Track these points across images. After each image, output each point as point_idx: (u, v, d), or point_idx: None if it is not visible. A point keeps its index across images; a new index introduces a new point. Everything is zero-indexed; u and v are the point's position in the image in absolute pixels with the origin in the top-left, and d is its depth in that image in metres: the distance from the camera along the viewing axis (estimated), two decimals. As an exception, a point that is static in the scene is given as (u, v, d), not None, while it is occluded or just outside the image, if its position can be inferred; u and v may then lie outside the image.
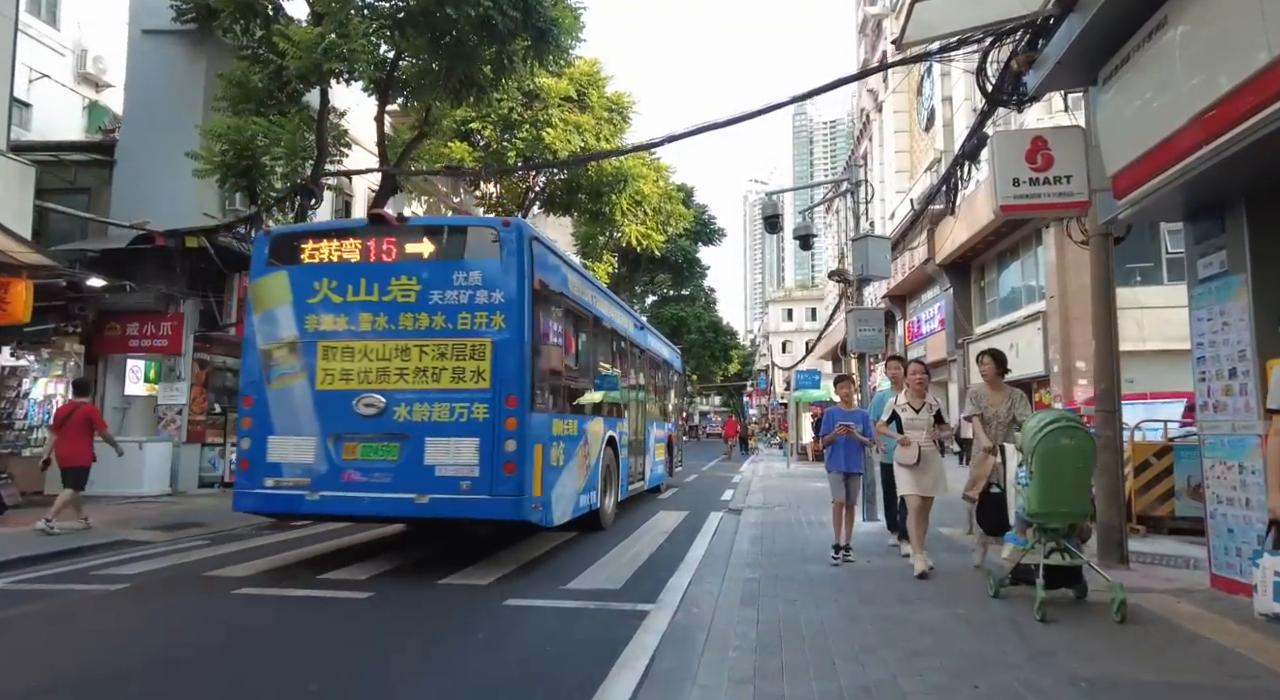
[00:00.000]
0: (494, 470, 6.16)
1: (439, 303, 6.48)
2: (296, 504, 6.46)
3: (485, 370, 6.32)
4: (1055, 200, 5.14)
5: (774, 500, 11.60)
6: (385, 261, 6.64)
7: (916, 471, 5.77)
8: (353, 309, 6.59)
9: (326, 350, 6.57)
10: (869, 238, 8.72)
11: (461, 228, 7.32)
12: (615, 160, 20.05)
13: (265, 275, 6.86)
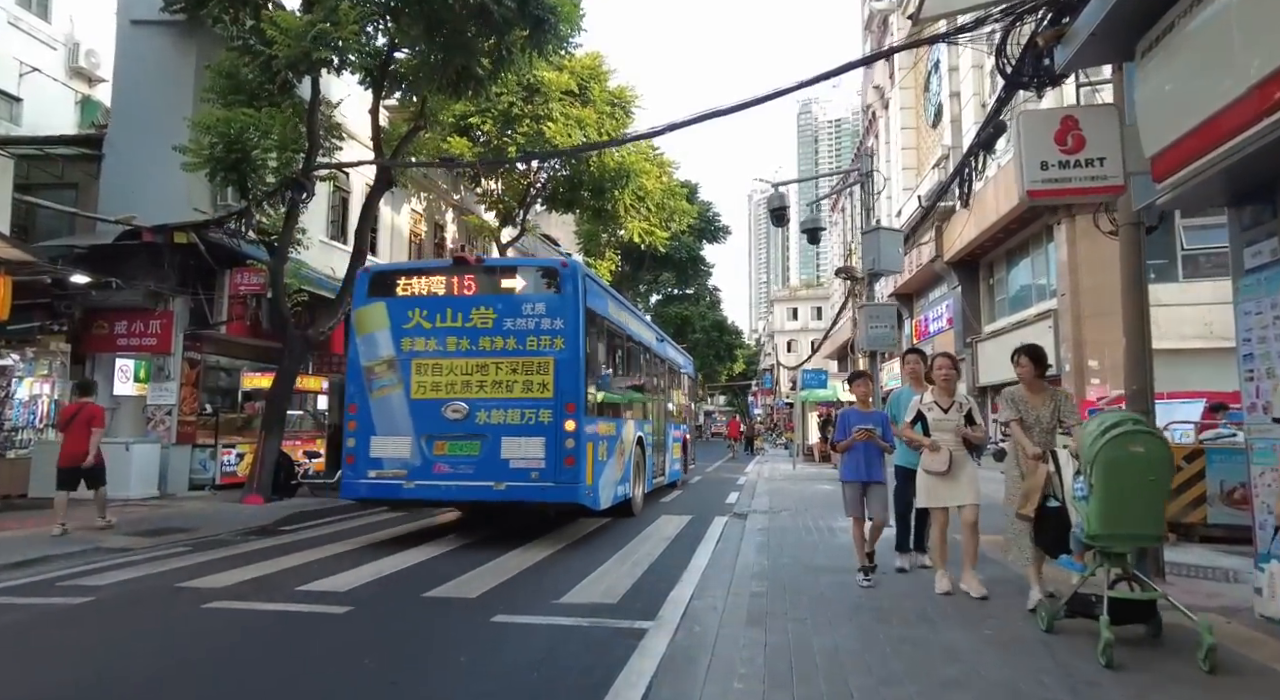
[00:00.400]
0: (557, 463, 7.70)
1: (511, 328, 8.03)
2: (396, 491, 7.98)
3: (549, 383, 7.87)
4: (1087, 185, 4.73)
5: (780, 504, 11.21)
6: (466, 295, 8.25)
7: (945, 480, 5.18)
8: (440, 333, 8.14)
9: (419, 366, 8.09)
10: (880, 230, 8.33)
11: (528, 267, 8.93)
12: (617, 155, 19.69)
13: (366, 305, 8.42)
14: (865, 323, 8.28)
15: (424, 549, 7.61)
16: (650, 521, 9.71)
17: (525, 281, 8.36)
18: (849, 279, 19.96)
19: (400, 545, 7.83)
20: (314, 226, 16.04)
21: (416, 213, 21.06)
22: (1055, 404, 4.86)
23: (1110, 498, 3.73)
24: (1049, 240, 23.83)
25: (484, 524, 9.44)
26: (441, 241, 22.57)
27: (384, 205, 19.28)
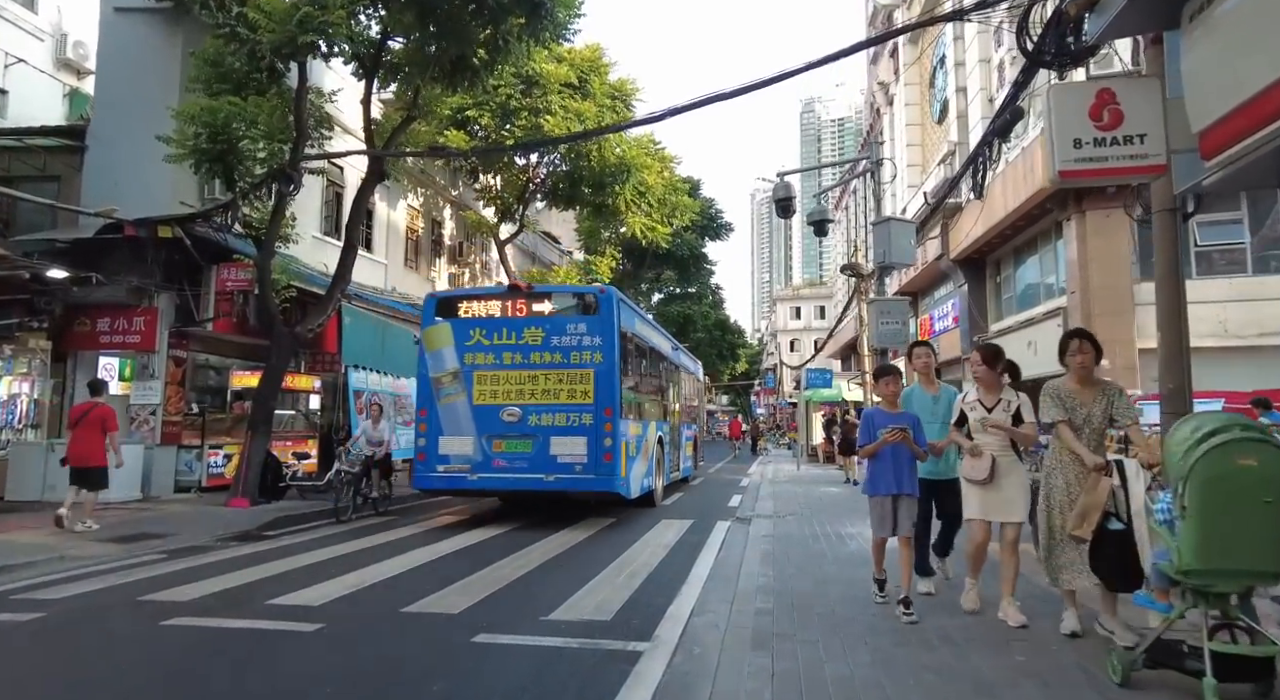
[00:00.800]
0: (597, 459, 9.12)
1: (557, 345, 9.44)
2: (461, 482, 9.45)
3: (589, 391, 9.27)
4: (1126, 164, 4.31)
5: (785, 507, 10.79)
6: (519, 316, 9.65)
7: (988, 491, 4.50)
8: (498, 349, 9.55)
9: (479, 377, 9.50)
10: (891, 221, 7.91)
11: (571, 293, 10.35)
12: (618, 150, 19.28)
13: (433, 325, 9.87)
14: (875, 319, 7.85)
15: (411, 556, 7.21)
16: (650, 527, 9.31)
17: (569, 305, 9.89)
18: (854, 276, 19.52)
19: (387, 552, 7.43)
20: (307, 222, 15.65)
21: (414, 209, 20.67)
22: (1108, 400, 4.13)
23: (1211, 524, 3.00)
24: (1058, 237, 23.36)
25: (482, 526, 9.05)
26: (439, 238, 22.19)
27: (379, 201, 18.91)
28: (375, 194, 18.69)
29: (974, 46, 29.54)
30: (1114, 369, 20.66)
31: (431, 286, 21.35)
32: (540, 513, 10.54)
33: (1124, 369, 20.43)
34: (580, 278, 20.61)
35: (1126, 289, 20.75)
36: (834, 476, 16.29)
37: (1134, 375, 20.46)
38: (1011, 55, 25.73)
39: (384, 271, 18.86)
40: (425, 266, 21.21)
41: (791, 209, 8.69)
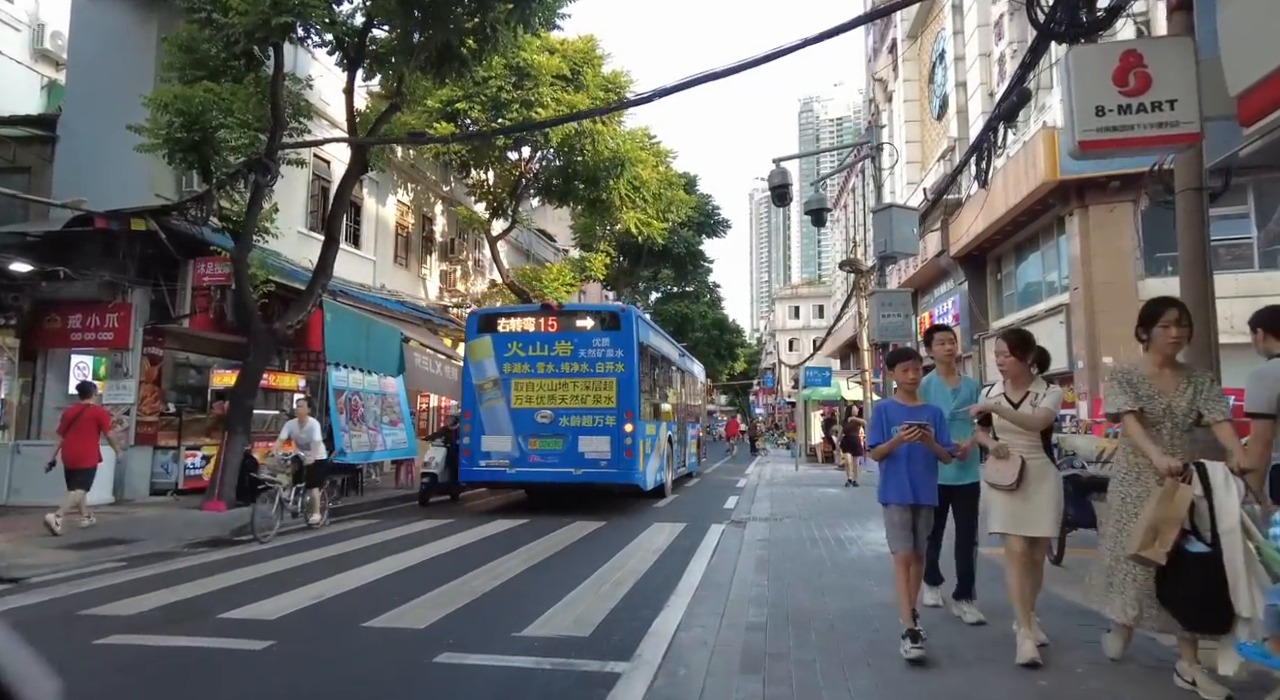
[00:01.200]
0: (619, 455, 10.40)
1: (584, 356, 10.74)
2: (501, 475, 10.74)
3: (612, 397, 10.57)
4: (1154, 132, 3.90)
5: (782, 509, 10.38)
6: (550, 332, 11.01)
7: (1015, 499, 3.82)
8: (532, 360, 10.85)
9: (516, 384, 10.80)
10: (893, 208, 7.50)
11: (596, 312, 11.75)
12: (611, 144, 18.87)
13: (476, 339, 11.23)
14: (876, 311, 7.45)
15: (388, 562, 6.80)
16: (641, 530, 8.90)
17: (594, 322, 11.18)
18: (854, 272, 19.12)
19: (362, 558, 7.01)
20: (292, 217, 15.25)
21: (404, 204, 20.25)
22: (1194, 390, 3.32)
23: None
24: (1060, 232, 22.98)
25: (466, 530, 8.63)
26: (430, 234, 21.77)
27: (368, 196, 18.50)
28: (363, 189, 18.31)
29: (974, 40, 29.19)
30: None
31: (422, 284, 20.95)
32: (532, 512, 10.16)
33: (1128, 367, 20.04)
34: (574, 275, 20.23)
35: (1130, 285, 20.35)
36: (833, 477, 15.89)
37: (1139, 373, 20.05)
38: (1013, 49, 25.34)
39: (372, 268, 18.44)
40: (416, 263, 20.80)
41: (788, 197, 8.29)
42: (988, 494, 4.09)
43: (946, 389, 4.58)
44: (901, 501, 3.89)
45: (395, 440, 13.70)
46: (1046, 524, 3.86)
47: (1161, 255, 20.68)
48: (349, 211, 17.83)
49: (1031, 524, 3.84)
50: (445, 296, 21.94)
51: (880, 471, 4.09)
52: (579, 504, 11.26)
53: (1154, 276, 20.57)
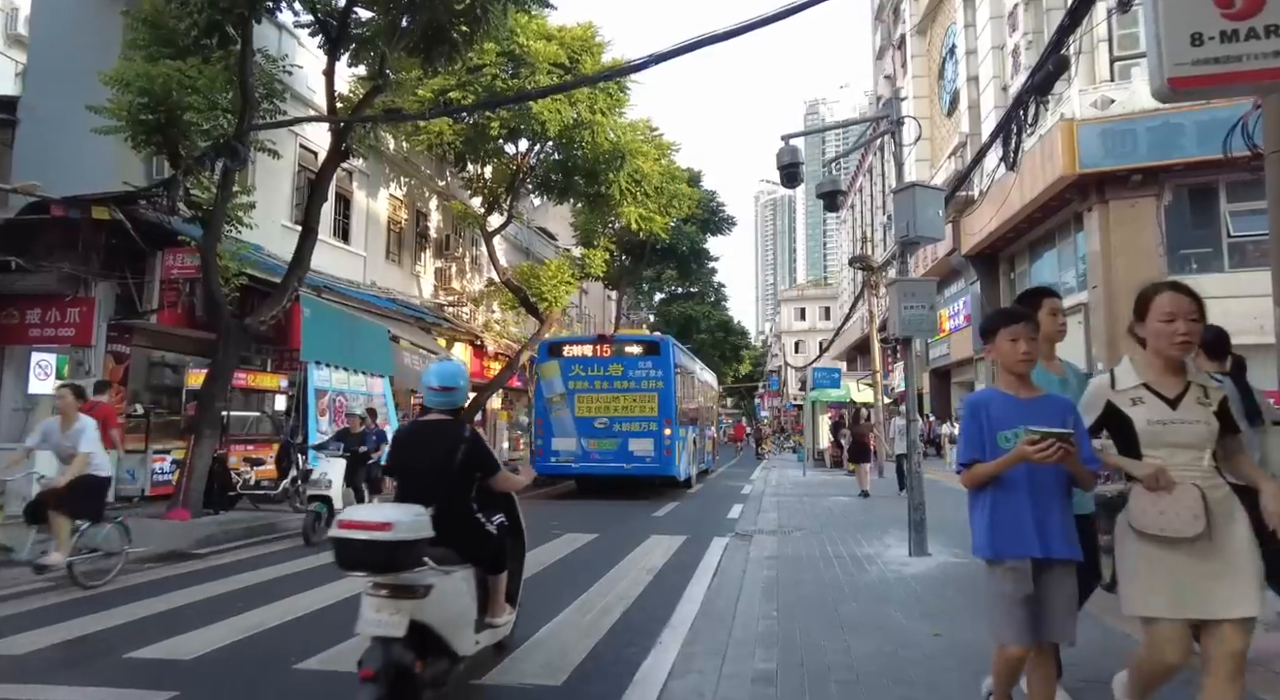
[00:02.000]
0: (660, 453, 13.09)
1: (631, 375, 13.44)
2: (567, 469, 13.24)
3: (654, 408, 13.26)
4: (1268, 64, 3.13)
5: (791, 520, 9.59)
6: (605, 357, 13.77)
7: (1193, 557, 2.38)
8: (591, 378, 13.53)
9: (579, 398, 13.40)
10: (915, 187, 6.70)
11: (641, 341, 14.67)
12: (611, 135, 18.11)
13: (546, 362, 13.89)
14: (897, 303, 6.64)
15: (343, 585, 5.98)
16: (637, 543, 8.12)
17: (640, 349, 14.20)
18: (864, 269, 18.35)
19: (321, 577, 6.23)
20: (276, 209, 14.56)
21: (397, 199, 19.53)
22: None
23: None
24: (1078, 229, 22.15)
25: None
26: (424, 230, 21.05)
27: (358, 189, 17.79)
28: (353, 182, 17.61)
29: (986, 33, 28.36)
30: (1140, 368, 19.45)
31: (416, 281, 20.24)
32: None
33: (1151, 368, 19.16)
34: (573, 272, 19.47)
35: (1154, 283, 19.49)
36: (843, 483, 15.06)
37: (1163, 375, 19.17)
38: (1028, 40, 24.53)
39: (363, 264, 17.72)
40: (409, 260, 20.08)
41: (798, 177, 7.51)
42: (1130, 554, 2.51)
43: (1053, 378, 3.17)
44: (1022, 554, 2.47)
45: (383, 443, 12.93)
46: (1250, 595, 2.36)
47: (1186, 252, 19.86)
48: (337, 205, 17.14)
49: (1221, 599, 2.35)
50: (440, 294, 21.22)
51: (978, 505, 2.64)
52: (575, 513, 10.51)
53: (1178, 274, 19.71)
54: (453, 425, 3.66)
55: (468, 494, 3.60)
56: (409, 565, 2.95)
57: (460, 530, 3.43)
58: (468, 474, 3.56)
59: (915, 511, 6.73)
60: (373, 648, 2.87)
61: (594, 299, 39.45)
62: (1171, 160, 18.74)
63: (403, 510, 3.09)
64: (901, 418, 11.14)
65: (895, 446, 12.03)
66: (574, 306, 31.95)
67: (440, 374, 3.69)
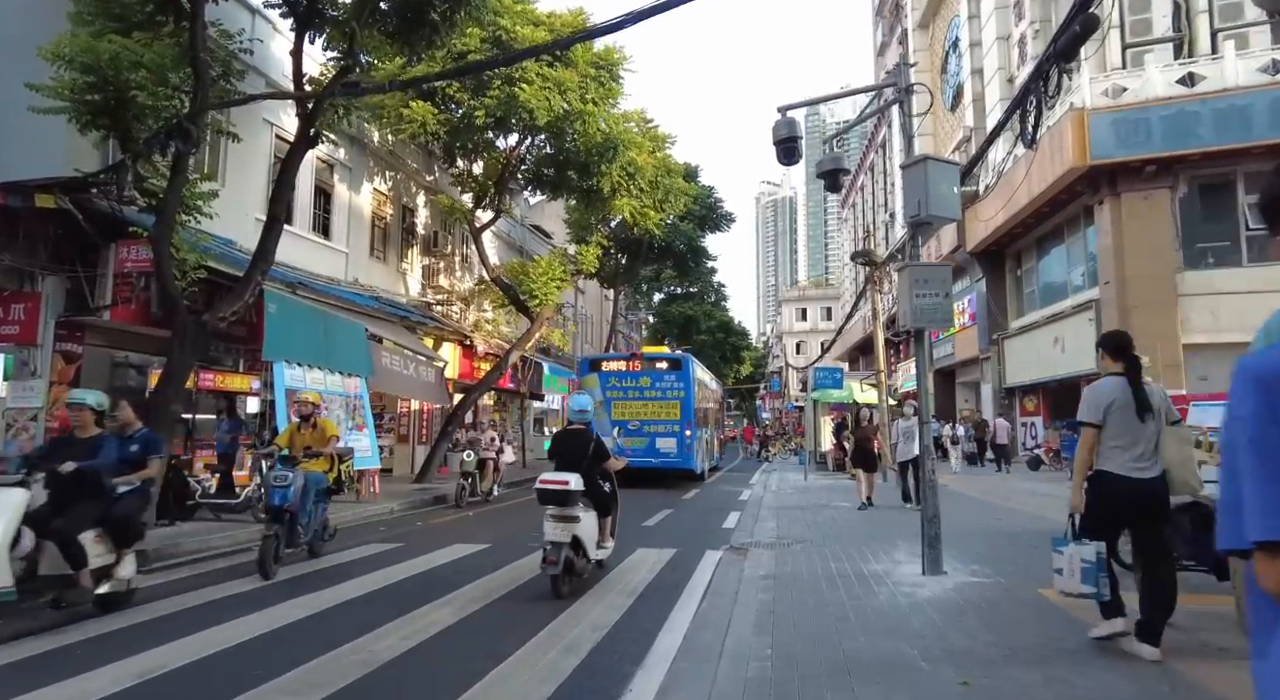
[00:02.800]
0: (682, 450, 16.11)
1: (658, 386, 16.54)
2: None
3: (677, 412, 16.34)
4: None
5: (791, 530, 8.83)
6: (636, 370, 16.97)
7: None
8: (625, 388, 16.56)
9: (615, 404, 15.60)
10: (928, 160, 5.96)
11: (666, 358, 17.75)
12: (603, 126, 17.39)
13: (588, 374, 15.49)
14: (908, 290, 5.89)
15: (274, 613, 5.27)
16: (620, 558, 7.37)
17: (665, 365, 17.33)
18: (867, 264, 17.62)
19: (256, 602, 5.50)
20: (250, 202, 13.86)
21: (381, 193, 18.82)
22: None
23: None
24: (1088, 224, 21.39)
25: (426, 554, 7.12)
26: (411, 227, 20.33)
27: (340, 183, 17.08)
28: (334, 175, 16.90)
29: (991, 24, 27.64)
30: (1154, 366, 18.64)
31: (402, 279, 19.52)
32: (497, 534, 8.66)
33: (1168, 367, 18.38)
34: (564, 266, 18.74)
35: (1168, 278, 18.72)
36: (847, 489, 14.29)
37: (1178, 374, 18.40)
38: (1035, 28, 23.82)
39: (345, 261, 17.01)
40: (395, 257, 19.35)
41: (797, 152, 6.78)
42: None
43: None
44: None
45: (360, 447, 12.21)
46: None
47: (1202, 246, 19.08)
48: (317, 199, 16.43)
49: None
50: (428, 293, 20.49)
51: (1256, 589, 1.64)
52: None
53: (1194, 269, 18.98)
54: (586, 432, 6.41)
55: (594, 470, 6.29)
56: (572, 504, 5.79)
57: (590, 489, 6.20)
58: (594, 460, 6.28)
59: (930, 525, 5.98)
60: (553, 548, 5.60)
61: (592, 299, 38.73)
62: (1187, 150, 18.01)
63: (570, 476, 5.93)
64: (906, 419, 10.37)
65: (899, 451, 11.11)
66: (569, 306, 31.24)
67: (579, 403, 6.70)
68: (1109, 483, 3.94)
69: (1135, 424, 3.89)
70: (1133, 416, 3.92)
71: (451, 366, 20.46)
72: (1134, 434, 3.91)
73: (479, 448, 13.71)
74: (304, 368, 10.91)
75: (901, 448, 10.64)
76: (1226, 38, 18.16)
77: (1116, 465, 3.91)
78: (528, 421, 27.95)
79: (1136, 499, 3.87)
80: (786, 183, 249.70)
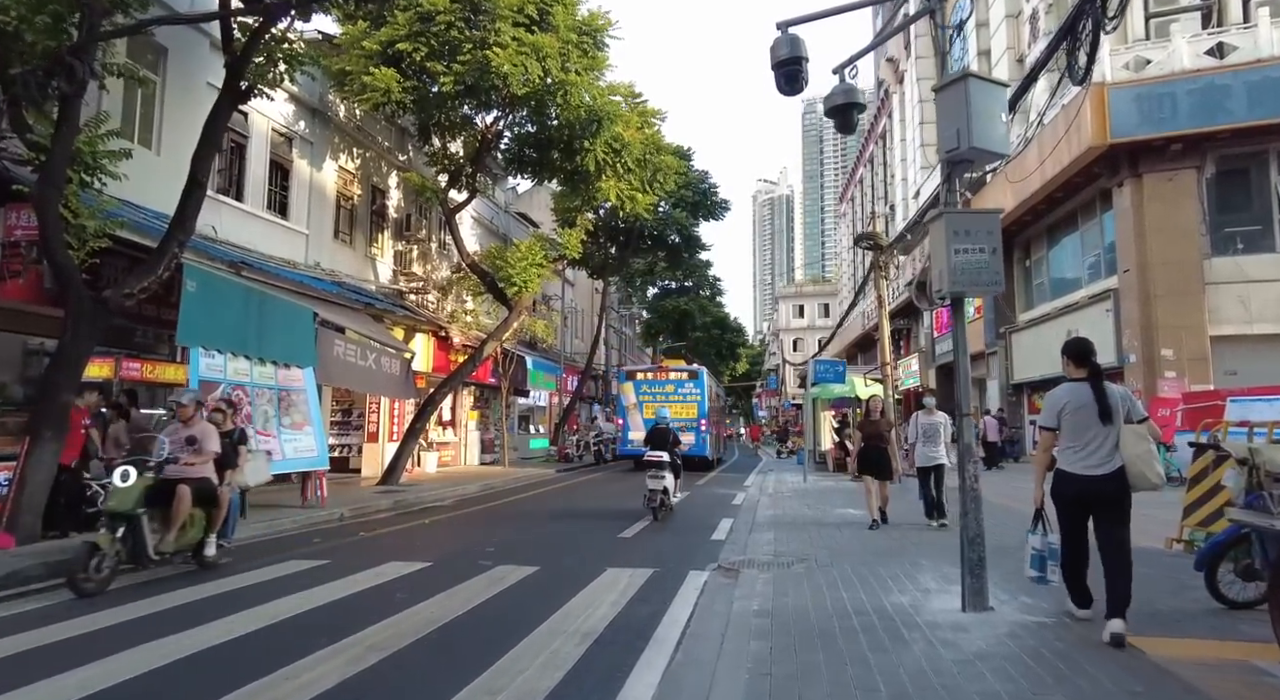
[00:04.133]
0: (699, 442, 21.60)
1: (679, 392, 22.14)
2: (639, 452, 14.59)
3: (695, 412, 21.99)
4: None
5: (790, 545, 7.47)
6: (661, 379, 22.61)
7: None
8: (653, 393, 21.99)
9: (645, 405, 21.60)
10: (969, 78, 4.60)
11: (686, 369, 23.10)
12: (586, 98, 16.00)
13: (624, 383, 22.68)
14: (944, 245, 4.54)
15: (178, 641, 3.90)
16: (583, 583, 6.01)
17: (684, 374, 22.17)
18: (872, 248, 16.29)
19: (149, 631, 4.12)
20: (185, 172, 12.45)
21: (348, 171, 17.41)
22: None
23: None
24: (1104, 209, 20.03)
25: (339, 581, 5.75)
26: (382, 209, 18.93)
27: (300, 159, 15.67)
28: (293, 149, 15.47)
29: (999, 3, 26.33)
30: (1179, 359, 17.29)
31: (371, 264, 18.11)
32: (439, 550, 7.29)
33: (1193, 361, 17.04)
34: (545, 253, 17.35)
35: (1195, 264, 17.34)
36: (851, 493, 12.93)
37: (1205, 368, 17.06)
38: (1047, 3, 22.45)
39: (304, 243, 15.61)
40: (363, 242, 17.94)
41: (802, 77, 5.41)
42: None
43: None
44: None
45: (300, 447, 10.81)
46: None
47: (1231, 230, 17.75)
48: (274, 175, 15.02)
49: None
50: (400, 281, 19.09)
51: None
52: (524, 534, 8.41)
53: (1222, 255, 17.64)
54: (668, 429, 11.14)
55: (674, 451, 10.81)
56: (663, 470, 10.36)
57: (671, 460, 10.57)
58: (673, 445, 10.84)
59: (972, 547, 4.62)
60: (652, 494, 10.19)
61: (583, 292, 37.30)
62: (1217, 126, 16.67)
63: (663, 453, 10.46)
64: (928, 414, 8.97)
65: (919, 455, 8.94)
66: (556, 298, 29.81)
67: (662, 413, 11.70)
68: (1060, 480, 4.34)
69: (1094, 425, 4.20)
70: (1092, 418, 4.20)
71: (424, 359, 19.06)
72: (1088, 435, 4.23)
73: (167, 453, 6.46)
74: (226, 355, 9.50)
75: (921, 451, 8.84)
76: (1260, 4, 16.81)
77: (1067, 463, 4.28)
78: (512, 419, 26.55)
79: (1083, 493, 4.21)
80: (783, 180, 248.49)
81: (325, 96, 16.17)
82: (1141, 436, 4.11)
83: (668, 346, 42.63)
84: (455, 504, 12.88)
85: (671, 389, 21.69)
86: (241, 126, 14.00)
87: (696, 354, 46.61)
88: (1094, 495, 4.17)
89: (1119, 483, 4.12)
